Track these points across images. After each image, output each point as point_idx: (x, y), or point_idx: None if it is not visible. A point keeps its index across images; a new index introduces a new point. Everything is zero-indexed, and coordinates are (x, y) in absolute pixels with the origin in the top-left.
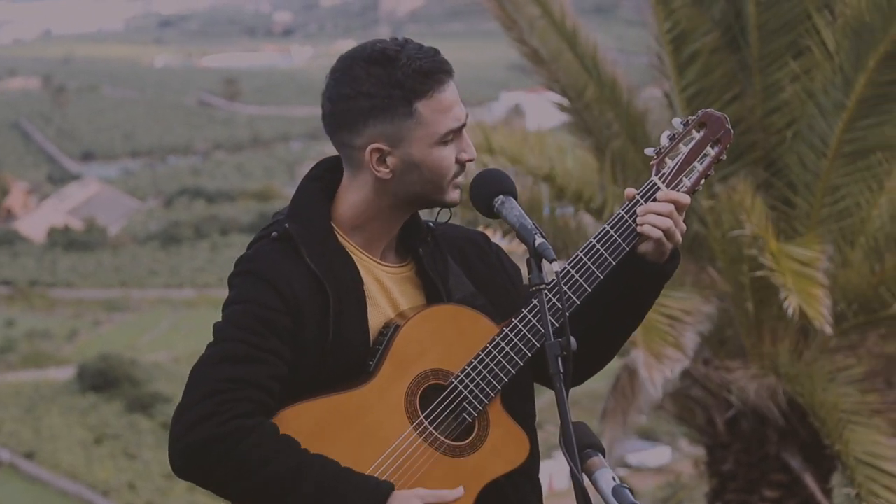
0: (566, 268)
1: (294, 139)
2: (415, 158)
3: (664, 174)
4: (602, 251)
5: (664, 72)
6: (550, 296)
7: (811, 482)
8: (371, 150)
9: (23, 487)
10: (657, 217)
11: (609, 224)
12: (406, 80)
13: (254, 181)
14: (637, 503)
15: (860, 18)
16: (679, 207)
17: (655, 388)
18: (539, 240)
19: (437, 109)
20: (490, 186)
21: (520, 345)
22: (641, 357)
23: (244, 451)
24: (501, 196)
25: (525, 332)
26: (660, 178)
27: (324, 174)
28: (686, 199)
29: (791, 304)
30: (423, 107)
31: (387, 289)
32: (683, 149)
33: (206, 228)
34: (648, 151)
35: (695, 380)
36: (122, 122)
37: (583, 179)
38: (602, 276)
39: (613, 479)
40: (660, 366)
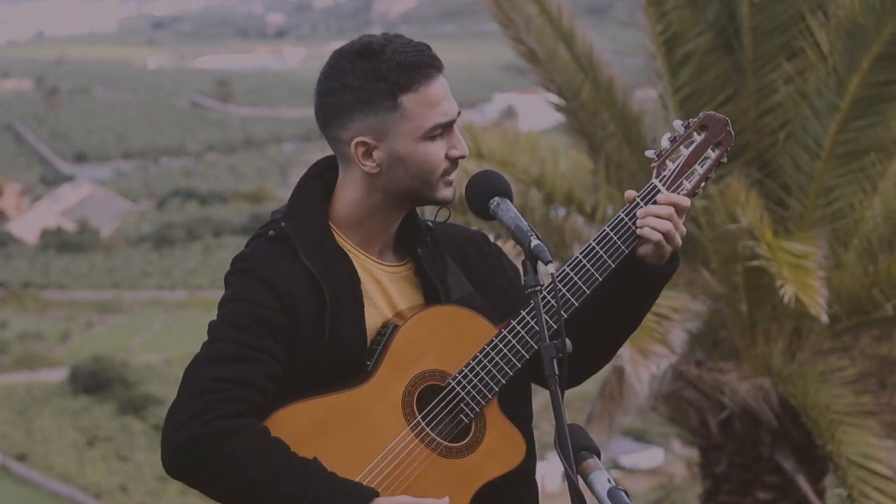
0: (565, 269)
1: (287, 141)
2: (400, 153)
3: (665, 177)
4: (601, 253)
5: (658, 73)
6: (549, 297)
7: (804, 484)
8: (356, 144)
9: (15, 490)
10: (657, 220)
11: (609, 226)
12: (390, 74)
13: (246, 183)
14: None
15: (853, 20)
16: (679, 210)
17: (641, 385)
18: (535, 241)
19: (423, 103)
20: (485, 188)
21: (517, 347)
22: (627, 354)
23: (228, 452)
24: (497, 198)
25: (523, 334)
26: (660, 181)
27: (323, 172)
28: (686, 202)
29: (787, 293)
30: (409, 100)
31: (384, 288)
32: (684, 151)
33: (199, 230)
34: (649, 153)
35: (688, 381)
36: (115, 124)
37: (575, 181)
38: (601, 279)
39: (609, 482)
40: (646, 362)
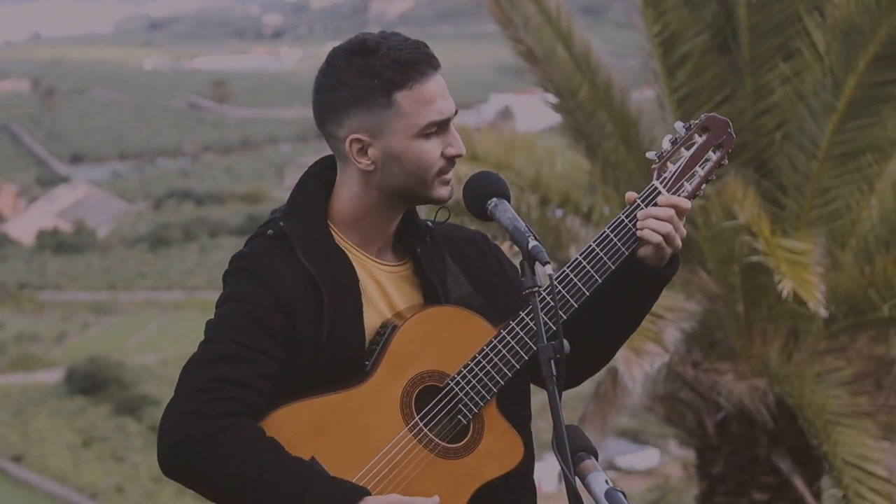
0: (565, 271)
1: (283, 141)
2: (395, 150)
3: (665, 178)
4: (601, 255)
5: (655, 73)
6: (548, 298)
7: (801, 484)
8: (351, 141)
9: (11, 491)
10: (657, 222)
11: (608, 228)
12: (384, 71)
13: (243, 183)
14: None
15: (850, 20)
16: (679, 212)
17: (634, 384)
18: (532, 242)
19: (418, 101)
20: (483, 189)
21: (516, 348)
22: (621, 353)
23: (219, 450)
24: (495, 199)
25: (522, 336)
26: (661, 183)
27: (323, 171)
28: (687, 204)
29: (785, 288)
30: (403, 98)
31: (383, 287)
32: (685, 153)
33: (195, 231)
34: (650, 155)
35: (684, 382)
36: (112, 125)
37: (572, 182)
38: (600, 280)
39: (606, 483)
40: (639, 361)
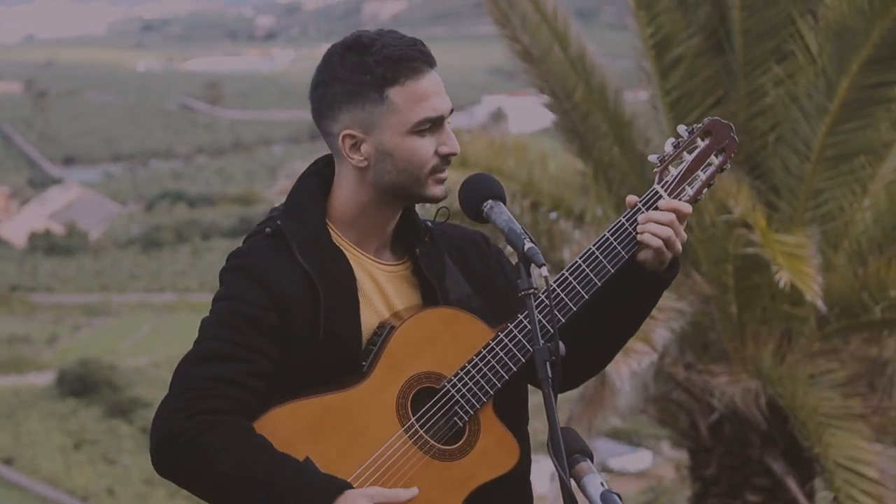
0: (564, 274)
1: (276, 143)
2: (387, 146)
3: (667, 182)
4: (601, 258)
5: (648, 75)
6: (547, 301)
7: (794, 486)
8: (343, 136)
9: (2, 494)
10: (658, 226)
11: (609, 231)
12: (377, 67)
13: (235, 185)
14: None
15: (843, 23)
16: (680, 217)
17: (622, 382)
18: (528, 244)
19: (410, 97)
20: (479, 191)
21: (514, 350)
22: None
23: (205, 445)
24: (490, 201)
25: (520, 338)
26: (662, 187)
27: (322, 170)
28: (687, 209)
29: (783, 279)
30: (395, 94)
31: (381, 287)
32: (687, 157)
33: (188, 232)
34: (652, 158)
35: (677, 383)
36: (104, 127)
37: (564, 184)
38: (599, 284)
39: (602, 485)
40: (627, 360)
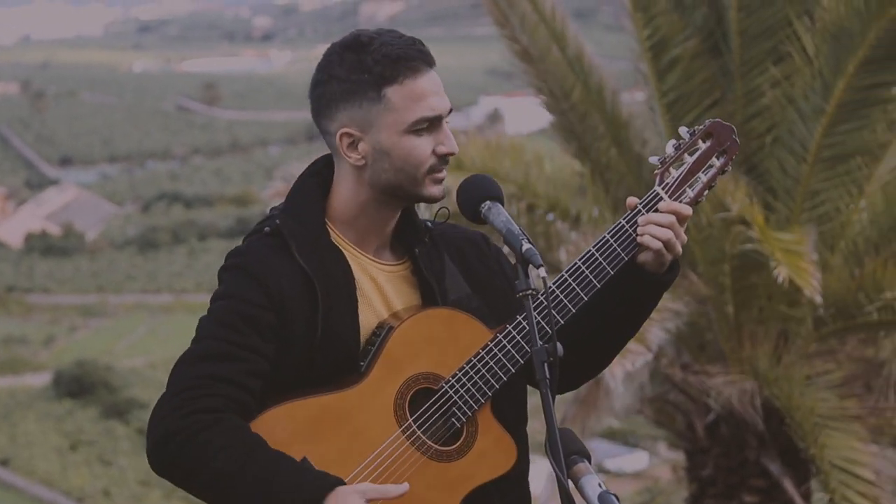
0: (563, 276)
1: (273, 144)
2: (384, 145)
3: (667, 184)
4: (601, 260)
5: (645, 77)
6: (546, 302)
7: (790, 487)
8: (341, 135)
9: None
10: (658, 228)
11: (609, 233)
12: (375, 66)
13: (232, 186)
14: None
15: (839, 24)
16: (681, 219)
17: (616, 382)
18: (526, 245)
19: (408, 97)
20: (477, 192)
21: (512, 351)
22: None
23: (200, 444)
24: (488, 202)
25: (518, 339)
26: (663, 188)
27: (321, 170)
28: (688, 211)
29: (781, 274)
30: (393, 93)
31: (380, 286)
32: (688, 159)
33: (184, 233)
34: (653, 160)
35: (674, 384)
36: (101, 128)
37: (560, 185)
38: (599, 285)
39: (599, 486)
40: (621, 360)
